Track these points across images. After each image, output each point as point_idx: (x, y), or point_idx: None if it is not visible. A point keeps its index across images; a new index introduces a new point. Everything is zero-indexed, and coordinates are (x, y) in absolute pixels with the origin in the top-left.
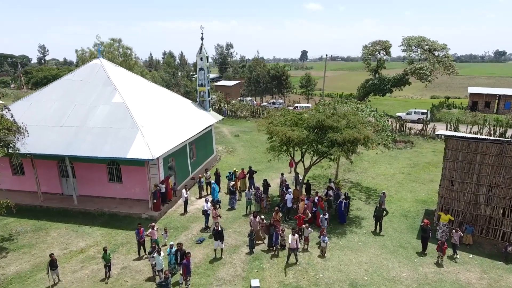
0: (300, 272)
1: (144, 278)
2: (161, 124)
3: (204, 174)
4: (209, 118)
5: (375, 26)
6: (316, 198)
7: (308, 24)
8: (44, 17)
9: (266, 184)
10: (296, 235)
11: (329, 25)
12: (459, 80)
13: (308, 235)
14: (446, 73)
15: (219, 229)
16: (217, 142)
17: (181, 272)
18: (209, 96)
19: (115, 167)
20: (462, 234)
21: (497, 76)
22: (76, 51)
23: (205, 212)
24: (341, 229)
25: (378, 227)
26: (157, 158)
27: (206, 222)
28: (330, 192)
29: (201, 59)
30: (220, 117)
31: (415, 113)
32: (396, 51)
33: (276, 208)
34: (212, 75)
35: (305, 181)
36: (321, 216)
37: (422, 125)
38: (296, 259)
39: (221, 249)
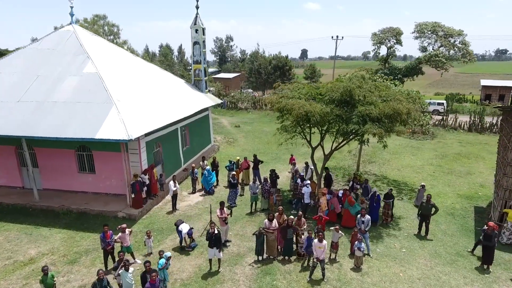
0: None
1: None
2: (144, 101)
3: (201, 163)
4: (206, 100)
5: (375, 26)
6: (341, 191)
7: (307, 24)
8: (40, 16)
9: (274, 176)
10: (325, 241)
11: (329, 24)
12: (463, 77)
13: (337, 241)
14: (464, 60)
15: (216, 232)
16: (215, 133)
17: None
18: (205, 76)
19: (86, 154)
20: None
21: (500, 74)
22: (56, 28)
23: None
24: (374, 231)
25: (423, 228)
26: (138, 141)
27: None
28: (357, 185)
29: (196, 31)
30: (219, 101)
31: (431, 104)
32: (402, 50)
33: (280, 208)
34: (210, 70)
35: (324, 172)
36: (358, 216)
37: (442, 115)
38: (323, 274)
39: (219, 260)
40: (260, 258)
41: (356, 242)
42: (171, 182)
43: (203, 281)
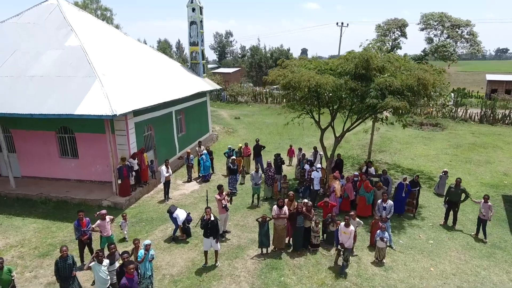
0: None
1: None
2: (133, 78)
3: (197, 148)
4: (203, 84)
5: (374, 26)
6: (356, 174)
7: (306, 24)
8: None
9: (279, 161)
10: (352, 227)
11: (329, 24)
12: (463, 76)
13: (356, 229)
14: (472, 51)
15: (212, 218)
16: (214, 123)
17: None
18: (203, 59)
19: (68, 136)
20: None
21: (502, 73)
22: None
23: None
24: (395, 221)
25: (450, 218)
26: (125, 120)
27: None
28: (372, 170)
29: (193, 9)
30: (217, 86)
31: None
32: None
33: (291, 193)
34: (209, 66)
35: (335, 157)
36: (378, 202)
37: (453, 107)
38: (343, 267)
39: (216, 252)
40: (265, 251)
41: (378, 232)
42: (163, 167)
43: (197, 277)
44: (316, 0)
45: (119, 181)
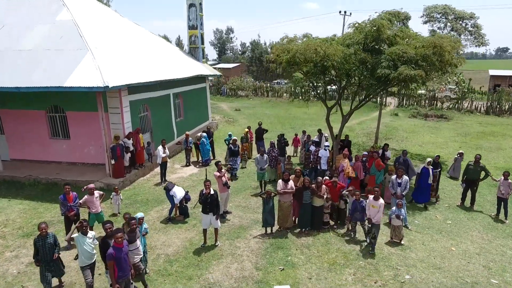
0: (365, 270)
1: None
2: (128, 54)
3: (198, 135)
4: (202, 68)
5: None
6: (365, 156)
7: (306, 24)
8: None
9: (283, 142)
10: (382, 200)
11: (328, 24)
12: (465, 74)
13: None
14: (476, 44)
15: (211, 192)
16: (214, 113)
17: (107, 272)
18: (202, 43)
19: (59, 115)
20: None
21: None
22: None
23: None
24: (407, 200)
25: (467, 199)
26: (119, 97)
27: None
28: (388, 154)
29: None
30: (217, 72)
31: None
32: None
33: (298, 168)
34: (209, 62)
35: (342, 137)
36: (392, 178)
37: (456, 99)
38: (372, 244)
39: (215, 230)
40: (269, 230)
41: (394, 209)
42: (160, 147)
43: (195, 257)
44: (316, 0)
45: (113, 162)
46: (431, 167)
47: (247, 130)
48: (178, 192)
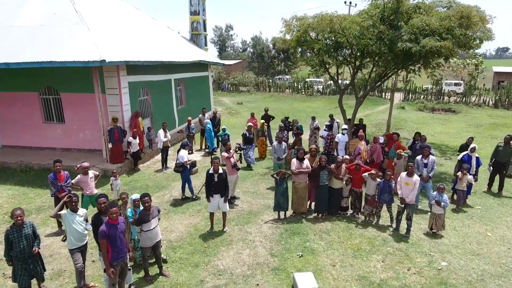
0: (395, 257)
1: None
2: (127, 34)
3: (200, 116)
4: (204, 54)
5: None
6: (381, 138)
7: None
8: None
9: (287, 125)
10: (416, 176)
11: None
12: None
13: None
14: (483, 38)
15: (220, 171)
16: (216, 105)
17: (100, 254)
18: (205, 30)
19: (52, 98)
20: None
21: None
22: None
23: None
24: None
25: (494, 185)
26: (118, 76)
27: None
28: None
29: None
30: (220, 61)
31: (446, 84)
32: None
33: (313, 147)
34: None
35: (356, 122)
36: (418, 158)
37: (462, 95)
38: (409, 226)
39: (224, 214)
40: (282, 215)
41: (434, 193)
42: (161, 131)
43: (201, 242)
44: (316, 0)
45: (110, 145)
46: (476, 154)
47: (262, 121)
48: (186, 157)
